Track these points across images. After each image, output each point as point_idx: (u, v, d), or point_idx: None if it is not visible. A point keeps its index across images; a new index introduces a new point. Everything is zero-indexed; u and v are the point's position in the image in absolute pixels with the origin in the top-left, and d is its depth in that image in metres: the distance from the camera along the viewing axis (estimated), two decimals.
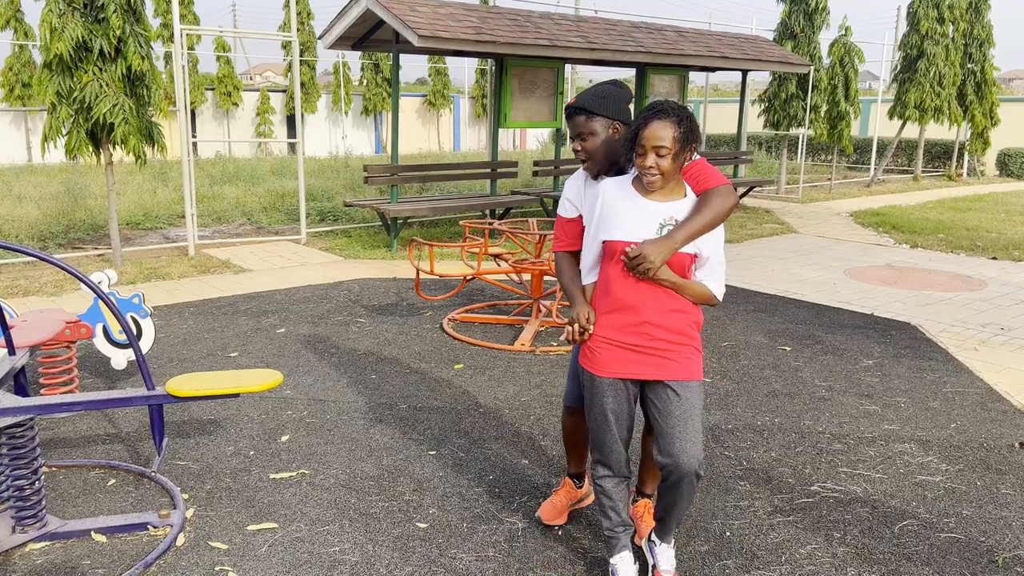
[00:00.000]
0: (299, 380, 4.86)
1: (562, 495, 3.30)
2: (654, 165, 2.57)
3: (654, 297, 2.63)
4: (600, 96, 2.86)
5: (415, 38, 8.07)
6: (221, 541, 3.09)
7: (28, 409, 2.98)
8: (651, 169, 2.58)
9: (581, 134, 2.86)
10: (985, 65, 18.24)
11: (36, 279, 7.37)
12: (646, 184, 2.61)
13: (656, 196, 2.66)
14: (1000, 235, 10.84)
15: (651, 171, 2.58)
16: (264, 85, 27.65)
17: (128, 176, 15.14)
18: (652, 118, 2.58)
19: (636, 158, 2.61)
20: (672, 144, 2.55)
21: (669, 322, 2.64)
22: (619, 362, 2.67)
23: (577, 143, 2.88)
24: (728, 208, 2.62)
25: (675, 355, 2.65)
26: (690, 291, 2.65)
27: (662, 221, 2.62)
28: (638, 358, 2.65)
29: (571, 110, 2.87)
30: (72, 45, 6.98)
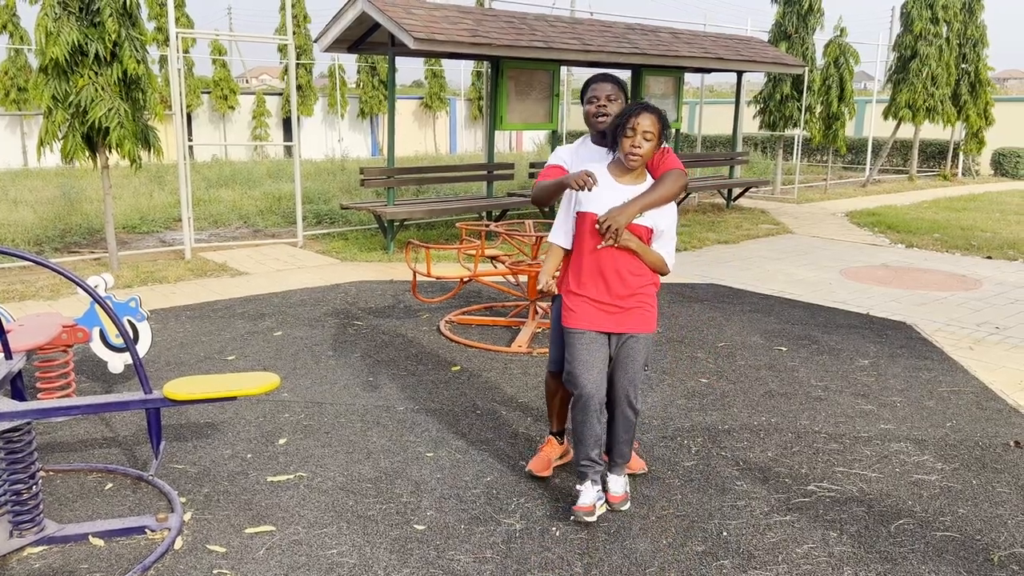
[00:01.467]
0: (296, 383, 4.87)
1: (547, 450, 3.74)
2: (639, 147, 3.12)
3: (621, 263, 3.18)
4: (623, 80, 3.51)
5: (411, 41, 8.09)
6: (219, 544, 3.10)
7: (25, 413, 2.98)
8: (636, 149, 3.12)
9: (610, 96, 3.38)
10: (979, 65, 18.29)
11: (32, 283, 7.37)
12: (628, 163, 3.15)
13: (626, 180, 3.22)
14: (995, 234, 10.87)
15: (635, 151, 3.13)
16: (260, 88, 27.64)
17: (124, 180, 15.12)
18: (642, 111, 3.13)
19: (623, 140, 3.14)
20: (656, 133, 3.13)
21: (632, 284, 3.21)
22: (592, 317, 3.24)
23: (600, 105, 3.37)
24: (679, 187, 3.18)
25: (635, 311, 3.24)
26: (649, 257, 3.22)
27: None
28: (606, 314, 3.23)
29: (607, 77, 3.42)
30: (68, 49, 6.98)
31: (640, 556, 3.04)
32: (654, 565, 2.99)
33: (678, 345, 5.73)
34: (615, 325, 3.23)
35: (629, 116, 3.13)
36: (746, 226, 11.44)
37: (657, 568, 2.97)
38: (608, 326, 3.23)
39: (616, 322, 3.23)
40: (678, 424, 4.31)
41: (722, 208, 13.42)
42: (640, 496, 3.51)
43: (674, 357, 5.46)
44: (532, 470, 3.66)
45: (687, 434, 4.18)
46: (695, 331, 6.08)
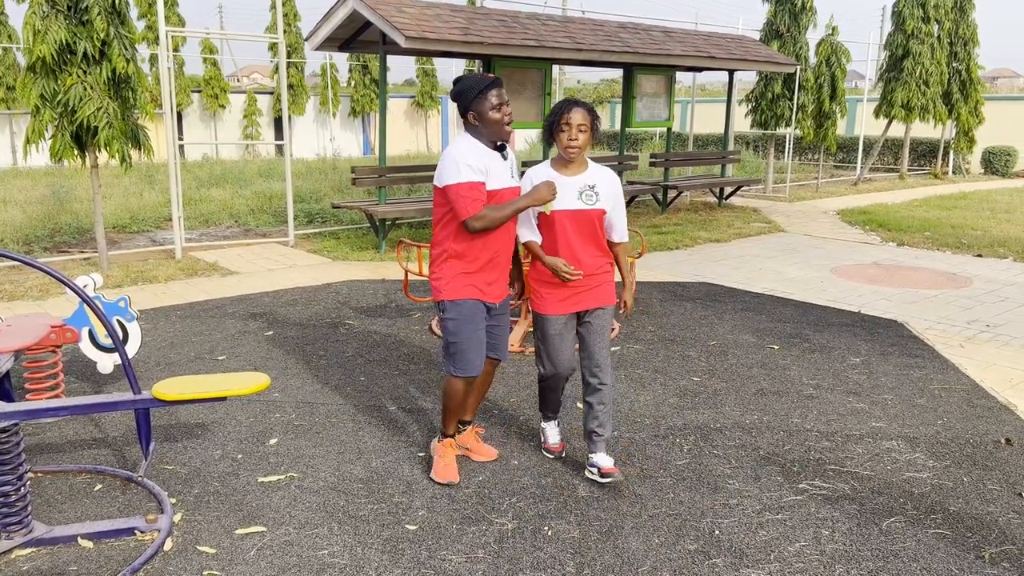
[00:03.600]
0: (287, 383, 4.84)
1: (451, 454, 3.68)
2: (576, 139, 3.40)
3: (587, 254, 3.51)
4: None
5: (402, 39, 8.06)
6: (209, 545, 3.08)
7: (13, 414, 2.96)
8: (574, 142, 3.41)
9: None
10: (970, 64, 18.36)
11: (21, 283, 7.32)
12: (568, 155, 3.45)
13: (570, 171, 3.52)
14: (985, 232, 10.92)
15: (573, 143, 3.42)
16: (251, 87, 27.55)
17: (114, 179, 15.05)
18: (573, 106, 3.43)
19: (560, 135, 3.44)
20: (589, 125, 3.42)
21: (595, 265, 3.54)
22: (562, 303, 3.55)
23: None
24: None
25: (597, 288, 3.56)
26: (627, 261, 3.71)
27: (580, 188, 3.48)
28: (576, 298, 3.54)
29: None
30: (56, 48, 6.94)
31: (632, 555, 3.04)
32: (646, 564, 2.98)
33: (670, 344, 5.73)
34: (582, 304, 3.55)
35: (560, 113, 3.42)
36: (737, 225, 11.46)
37: (649, 567, 2.96)
38: (575, 307, 3.56)
39: (582, 300, 3.55)
40: (670, 423, 4.31)
41: (714, 207, 13.44)
42: (632, 495, 3.50)
43: (666, 356, 5.46)
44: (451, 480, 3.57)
45: (679, 433, 4.18)
46: (687, 330, 6.09)
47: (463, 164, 3.29)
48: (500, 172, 3.40)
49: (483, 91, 3.32)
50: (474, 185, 3.29)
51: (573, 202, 3.46)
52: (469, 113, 3.36)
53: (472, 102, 3.33)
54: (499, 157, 3.42)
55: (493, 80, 3.34)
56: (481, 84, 3.32)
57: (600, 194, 3.49)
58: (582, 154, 3.49)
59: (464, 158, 3.30)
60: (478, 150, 3.36)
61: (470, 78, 3.37)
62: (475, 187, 3.29)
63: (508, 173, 3.45)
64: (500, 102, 3.33)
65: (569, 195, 3.47)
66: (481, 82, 3.33)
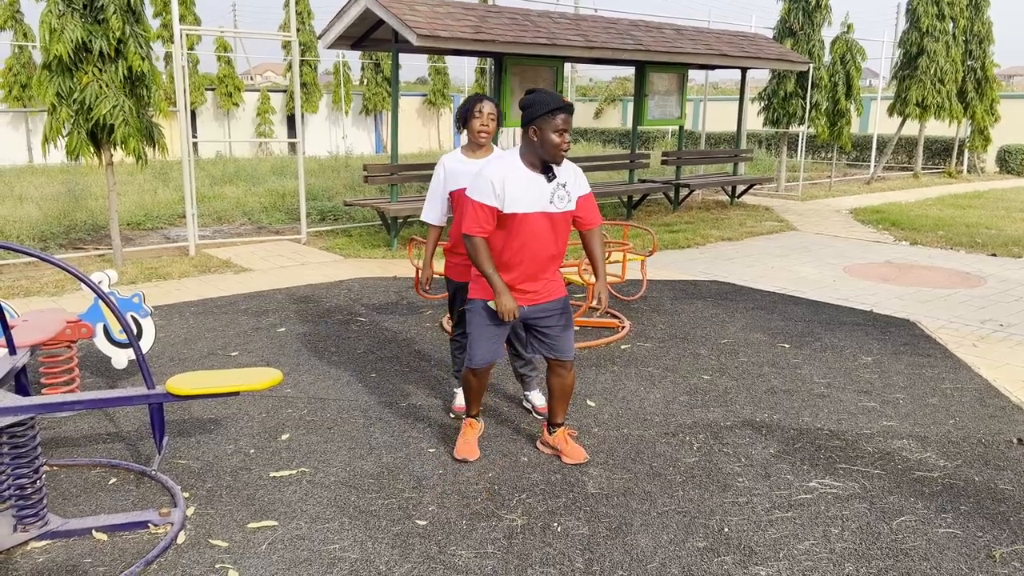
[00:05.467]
0: (299, 379, 4.88)
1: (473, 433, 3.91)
2: (487, 125, 3.97)
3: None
4: None
5: (414, 37, 8.08)
6: (221, 539, 3.11)
7: (29, 408, 3.00)
8: (485, 128, 3.98)
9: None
10: (985, 62, 18.22)
11: (37, 279, 7.39)
12: (479, 140, 4.01)
13: (479, 155, 4.08)
14: (1000, 232, 10.84)
15: (484, 131, 3.98)
16: (264, 85, 27.65)
17: (129, 176, 15.16)
18: (484, 99, 3.99)
19: (473, 121, 3.97)
20: (496, 115, 4.01)
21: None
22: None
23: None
24: None
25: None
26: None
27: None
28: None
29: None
30: (72, 46, 7.00)
31: (641, 552, 3.05)
32: (655, 561, 2.99)
33: (681, 342, 5.73)
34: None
35: (472, 106, 3.98)
36: (750, 223, 11.43)
37: (658, 564, 2.97)
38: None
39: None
40: (680, 420, 4.31)
41: (726, 205, 13.40)
42: (642, 492, 3.51)
43: (677, 354, 5.46)
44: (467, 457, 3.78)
45: (689, 430, 4.18)
46: (698, 328, 6.08)
47: (487, 184, 3.42)
48: (529, 197, 3.45)
49: (553, 111, 3.36)
50: (482, 208, 3.43)
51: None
52: (531, 128, 3.41)
53: (538, 118, 3.37)
54: (541, 179, 3.48)
55: (566, 105, 3.38)
56: (552, 104, 3.36)
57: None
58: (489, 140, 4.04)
59: (491, 178, 3.42)
60: (513, 174, 3.44)
61: (544, 93, 3.41)
62: (482, 210, 3.43)
63: (546, 198, 3.48)
64: (565, 127, 3.39)
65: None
66: (553, 102, 3.36)
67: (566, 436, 3.86)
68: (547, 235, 3.53)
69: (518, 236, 3.49)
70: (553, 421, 3.86)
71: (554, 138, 3.37)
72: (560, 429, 3.86)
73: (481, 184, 3.43)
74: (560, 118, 3.36)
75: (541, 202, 3.47)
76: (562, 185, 3.52)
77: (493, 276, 3.46)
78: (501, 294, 3.45)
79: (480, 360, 3.66)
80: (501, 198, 3.42)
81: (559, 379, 3.77)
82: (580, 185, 3.60)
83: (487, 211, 3.42)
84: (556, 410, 3.83)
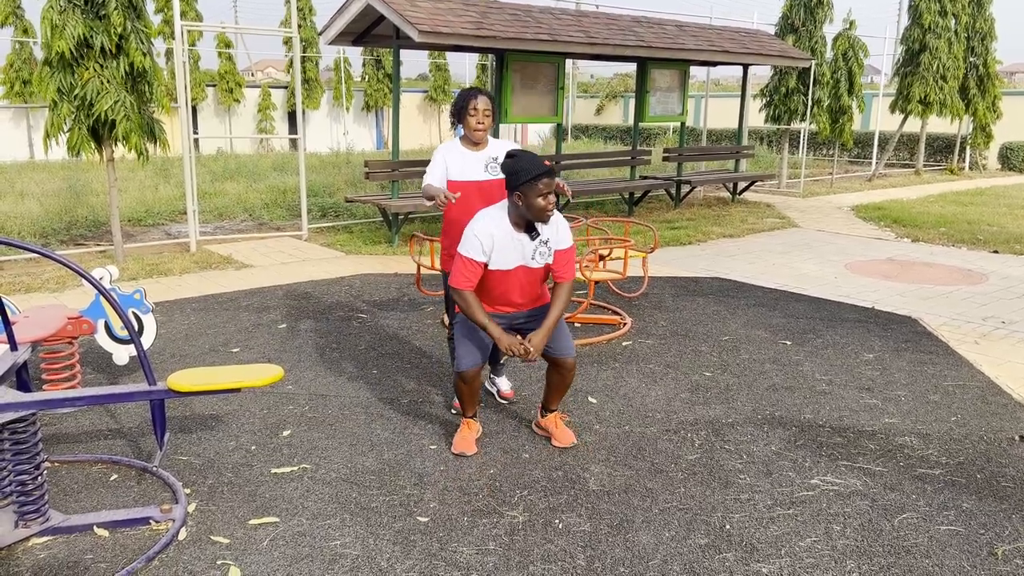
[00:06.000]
0: (300, 375, 4.88)
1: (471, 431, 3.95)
2: (483, 122, 4.04)
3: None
4: None
5: (415, 33, 8.07)
6: (223, 535, 3.11)
7: (30, 404, 3.00)
8: (480, 126, 4.04)
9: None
10: (987, 58, 18.19)
11: (38, 275, 7.39)
12: (476, 137, 4.07)
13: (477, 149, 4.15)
14: (1001, 229, 10.83)
15: (480, 129, 4.04)
16: (265, 81, 27.63)
17: (130, 172, 15.15)
18: (478, 94, 4.03)
19: (468, 119, 4.03)
20: (491, 111, 4.05)
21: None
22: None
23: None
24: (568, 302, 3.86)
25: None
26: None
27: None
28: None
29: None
30: (73, 42, 6.99)
31: (643, 549, 3.05)
32: (657, 558, 2.99)
33: (682, 339, 5.72)
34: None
35: (467, 100, 4.01)
36: (751, 220, 11.42)
37: (660, 561, 2.97)
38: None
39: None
40: (681, 417, 4.31)
41: (727, 202, 13.39)
42: (643, 489, 3.51)
43: (678, 350, 5.45)
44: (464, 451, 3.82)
45: (690, 427, 4.18)
46: (699, 325, 6.08)
47: (474, 239, 3.59)
48: (512, 256, 3.66)
49: (535, 178, 3.47)
50: (471, 264, 3.61)
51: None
52: (515, 194, 3.55)
53: (522, 185, 3.50)
54: (525, 238, 3.65)
55: (547, 170, 3.47)
56: (533, 172, 3.46)
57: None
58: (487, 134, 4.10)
59: (479, 235, 3.59)
60: (499, 230, 3.61)
61: (525, 159, 3.52)
62: (471, 265, 3.61)
63: (528, 255, 3.67)
64: (548, 191, 3.52)
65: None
66: (534, 169, 3.47)
67: (557, 420, 4.00)
68: (525, 284, 3.75)
69: (497, 287, 3.72)
70: (548, 407, 4.01)
71: (539, 202, 3.52)
72: (552, 413, 4.01)
73: (471, 241, 3.59)
74: (542, 183, 3.48)
75: (523, 259, 3.68)
76: (544, 242, 3.69)
77: (488, 325, 3.59)
78: (500, 338, 3.58)
79: (467, 364, 3.73)
80: (488, 254, 3.61)
81: (560, 376, 3.88)
82: (560, 240, 3.73)
83: (476, 266, 3.61)
84: (552, 398, 3.98)
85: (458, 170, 4.12)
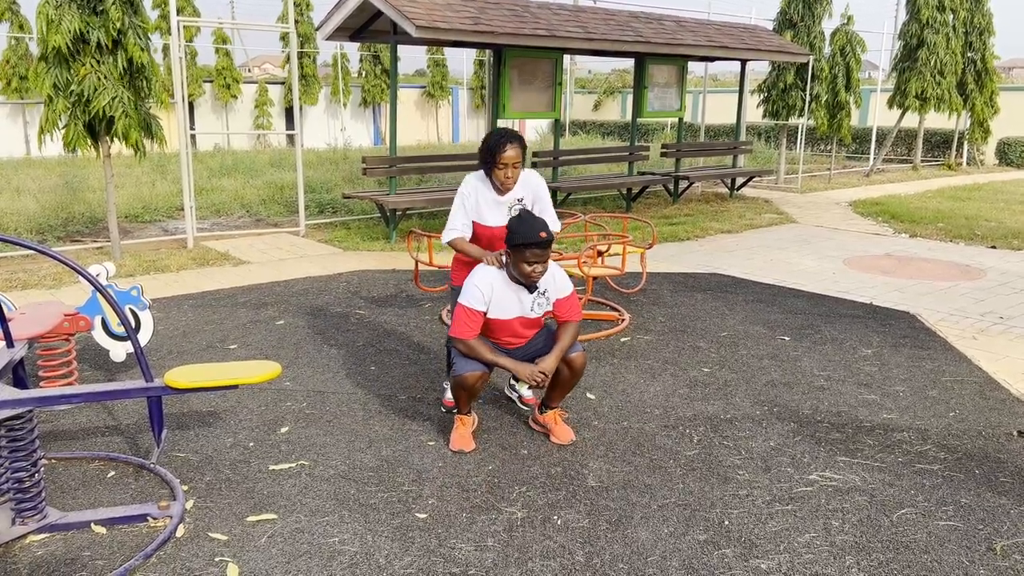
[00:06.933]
0: (298, 372, 4.87)
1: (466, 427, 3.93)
2: (511, 177, 3.87)
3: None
4: None
5: (413, 29, 8.05)
6: (221, 532, 3.10)
7: (27, 401, 2.99)
8: (509, 180, 3.87)
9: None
10: (985, 54, 18.18)
11: (35, 272, 7.37)
12: (503, 190, 3.91)
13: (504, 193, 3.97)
14: (999, 224, 10.83)
15: (508, 183, 3.88)
16: (262, 77, 27.58)
17: (126, 169, 15.11)
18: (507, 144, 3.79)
19: (496, 172, 3.84)
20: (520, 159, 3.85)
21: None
22: None
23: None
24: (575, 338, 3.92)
25: None
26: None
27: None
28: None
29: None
30: (70, 37, 6.95)
31: (642, 545, 3.04)
32: (655, 554, 2.99)
33: (680, 335, 5.72)
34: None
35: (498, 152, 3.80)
36: (749, 215, 11.41)
37: (659, 557, 2.97)
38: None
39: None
40: (680, 413, 4.30)
41: (725, 197, 13.38)
42: (642, 485, 3.51)
43: (676, 346, 5.45)
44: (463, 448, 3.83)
45: (689, 423, 4.18)
46: (697, 321, 6.07)
47: (475, 289, 3.68)
48: (512, 308, 3.75)
49: (524, 246, 3.54)
50: (472, 314, 3.68)
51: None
52: (507, 254, 3.66)
53: (513, 247, 3.57)
54: (523, 291, 3.74)
55: (537, 240, 3.51)
56: (523, 240, 3.52)
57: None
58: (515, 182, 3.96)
59: (479, 286, 3.68)
60: (499, 283, 3.71)
61: (523, 223, 3.56)
62: (472, 315, 3.68)
63: (527, 306, 3.77)
64: (536, 261, 3.58)
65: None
66: (523, 236, 3.52)
67: (556, 417, 3.99)
68: (524, 330, 3.85)
69: (496, 333, 3.83)
70: (548, 404, 3.99)
71: (524, 268, 3.61)
72: (552, 410, 3.99)
73: (472, 291, 3.66)
74: (530, 252, 3.55)
75: (522, 311, 3.77)
76: (542, 293, 3.77)
77: (499, 360, 3.69)
78: (517, 369, 3.68)
79: (471, 368, 3.71)
80: (487, 303, 3.70)
81: (570, 372, 3.87)
82: (560, 289, 3.80)
83: (478, 316, 3.69)
84: (554, 395, 3.96)
85: (487, 216, 4.00)
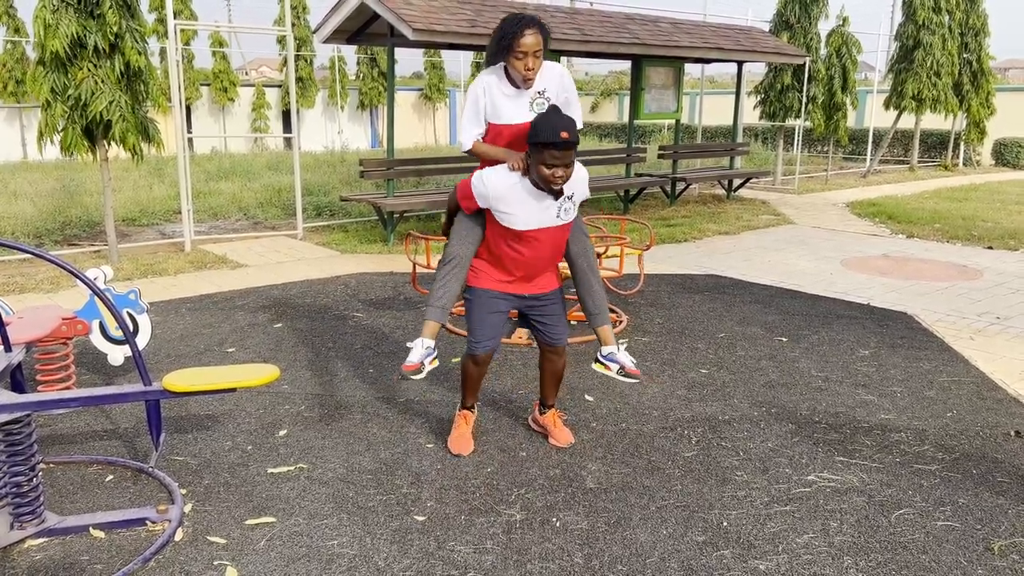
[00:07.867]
0: (296, 375, 4.87)
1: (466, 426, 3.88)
2: (532, 69, 3.42)
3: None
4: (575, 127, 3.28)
5: (409, 31, 8.06)
6: (219, 536, 3.10)
7: (25, 405, 2.98)
8: (530, 72, 3.42)
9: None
10: (981, 54, 18.22)
11: (32, 276, 7.36)
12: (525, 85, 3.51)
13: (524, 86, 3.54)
14: (996, 224, 10.85)
15: (529, 76, 3.43)
16: (260, 80, 27.57)
17: (124, 172, 15.11)
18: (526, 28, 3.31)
19: (515, 62, 3.39)
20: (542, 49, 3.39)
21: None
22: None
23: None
24: None
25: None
26: None
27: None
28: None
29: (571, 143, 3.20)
30: (67, 41, 6.95)
31: (640, 546, 3.05)
32: (654, 555, 2.99)
33: (678, 336, 5.72)
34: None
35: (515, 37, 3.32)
36: (746, 217, 11.43)
37: (657, 558, 2.97)
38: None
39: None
40: (678, 415, 4.31)
41: (722, 199, 13.40)
42: (640, 487, 3.51)
43: (674, 348, 5.45)
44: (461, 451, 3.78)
45: (687, 424, 4.18)
46: (695, 322, 6.08)
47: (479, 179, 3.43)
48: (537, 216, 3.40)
49: (544, 145, 3.18)
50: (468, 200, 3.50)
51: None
52: (530, 155, 3.30)
53: (532, 147, 3.25)
54: (547, 196, 3.38)
55: (557, 141, 3.16)
56: (542, 137, 3.17)
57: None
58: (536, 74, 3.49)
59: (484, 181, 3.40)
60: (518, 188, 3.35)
61: (549, 119, 3.21)
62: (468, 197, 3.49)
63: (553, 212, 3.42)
64: (556, 163, 3.21)
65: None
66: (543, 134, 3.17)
67: (555, 418, 3.98)
68: (552, 246, 3.54)
69: (524, 251, 3.50)
70: (545, 403, 3.99)
71: (543, 170, 3.24)
72: (551, 411, 3.99)
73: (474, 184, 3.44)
74: (548, 153, 3.19)
75: (548, 219, 3.43)
76: (568, 198, 3.44)
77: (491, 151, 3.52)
78: (509, 157, 3.41)
79: (483, 347, 3.64)
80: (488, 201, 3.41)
81: (551, 364, 3.86)
82: (583, 191, 3.52)
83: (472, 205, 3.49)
84: (548, 392, 3.96)
85: (504, 112, 3.54)
